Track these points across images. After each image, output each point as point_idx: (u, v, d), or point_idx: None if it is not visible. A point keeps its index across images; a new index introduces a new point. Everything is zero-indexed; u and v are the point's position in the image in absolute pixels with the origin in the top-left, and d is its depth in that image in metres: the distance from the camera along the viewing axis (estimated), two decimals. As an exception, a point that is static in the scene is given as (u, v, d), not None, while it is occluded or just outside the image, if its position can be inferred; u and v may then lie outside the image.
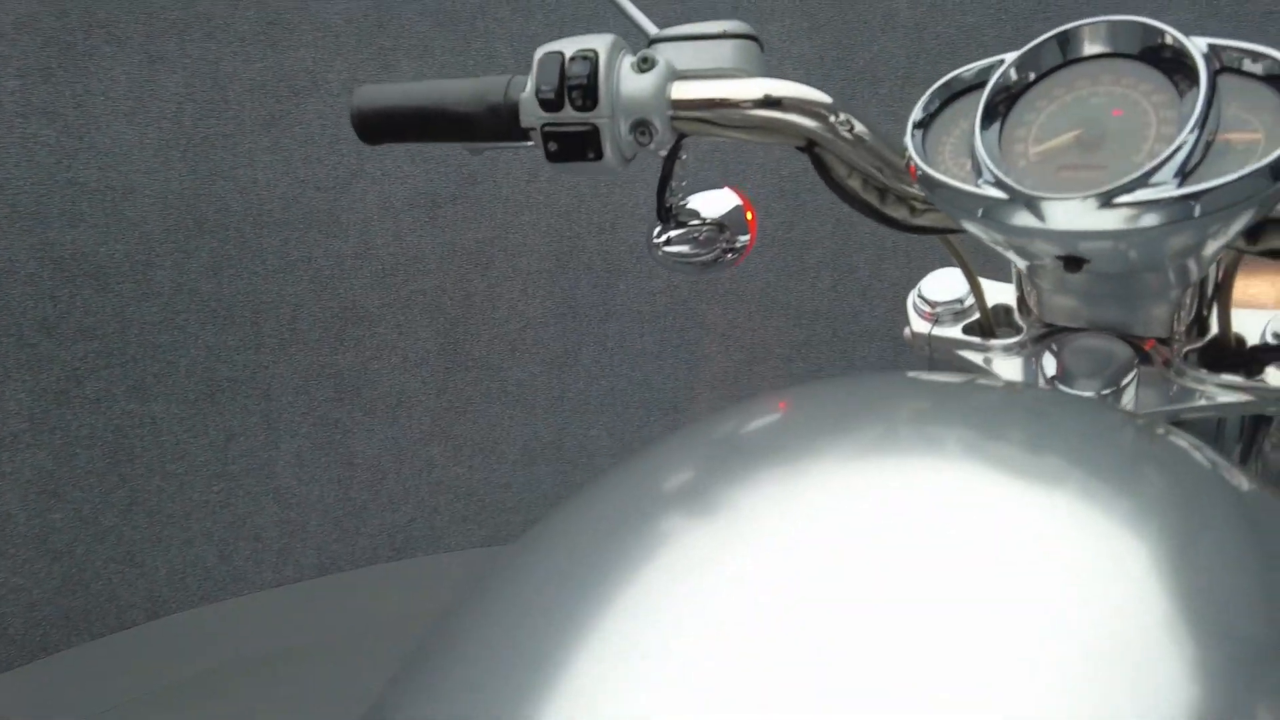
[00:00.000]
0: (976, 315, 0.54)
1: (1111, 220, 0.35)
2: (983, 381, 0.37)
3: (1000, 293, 0.54)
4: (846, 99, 1.72)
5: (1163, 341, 0.45)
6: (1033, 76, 0.39)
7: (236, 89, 1.63)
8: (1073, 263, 0.39)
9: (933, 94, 0.42)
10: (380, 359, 1.80)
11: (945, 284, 0.55)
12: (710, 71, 0.46)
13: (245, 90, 1.64)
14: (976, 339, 0.52)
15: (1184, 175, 0.34)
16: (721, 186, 0.54)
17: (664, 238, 0.52)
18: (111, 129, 1.57)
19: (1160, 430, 0.32)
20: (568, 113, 0.46)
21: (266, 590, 1.78)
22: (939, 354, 0.54)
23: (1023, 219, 0.37)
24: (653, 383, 1.91)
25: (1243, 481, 0.30)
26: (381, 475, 1.85)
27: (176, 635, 1.67)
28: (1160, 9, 1.46)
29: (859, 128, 0.44)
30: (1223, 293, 0.44)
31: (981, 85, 0.41)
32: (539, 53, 0.47)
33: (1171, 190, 0.33)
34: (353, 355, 1.79)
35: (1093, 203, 0.35)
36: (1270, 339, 0.44)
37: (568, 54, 0.45)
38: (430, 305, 1.81)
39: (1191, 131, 0.34)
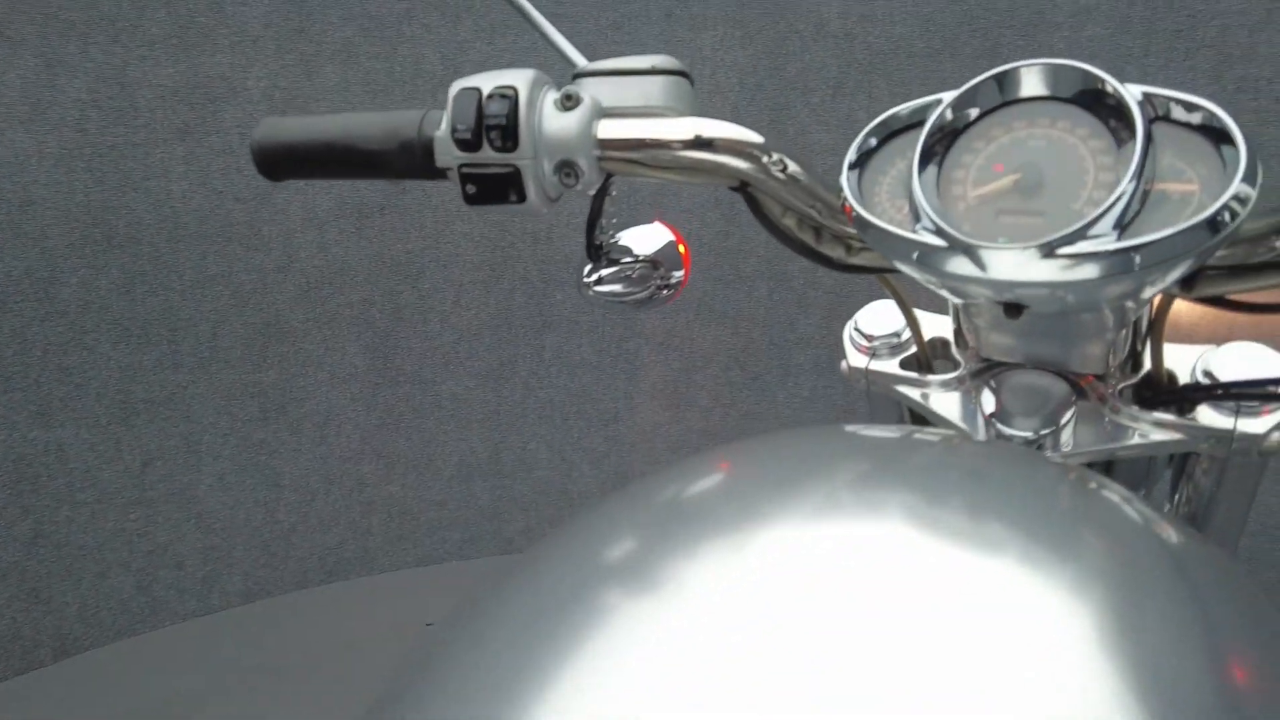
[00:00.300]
0: (914, 349, 0.53)
1: (1052, 271, 0.34)
2: (918, 436, 0.36)
3: (937, 325, 0.53)
4: (779, 108, 1.72)
5: (1098, 378, 0.45)
6: (971, 116, 0.39)
7: (146, 95, 1.55)
8: (1012, 309, 0.39)
9: (868, 133, 0.41)
10: (306, 376, 1.74)
11: (881, 317, 0.55)
12: (638, 109, 0.44)
13: (156, 97, 1.55)
14: (914, 374, 0.51)
15: (1122, 226, 0.33)
16: (652, 221, 0.52)
17: (595, 277, 0.50)
18: (5, 137, 1.47)
19: (1093, 484, 0.32)
20: (486, 153, 0.43)
21: (191, 620, 1.70)
22: (876, 387, 0.53)
23: (961, 266, 0.36)
24: (591, 394, 1.88)
25: (1174, 534, 0.30)
26: (310, 496, 1.78)
27: (89, 674, 1.58)
28: (1079, 25, 1.50)
29: (792, 168, 0.43)
30: (1155, 330, 0.44)
31: (918, 124, 0.40)
32: (454, 88, 0.44)
33: (1111, 243, 0.33)
34: (277, 372, 1.72)
35: (1033, 253, 0.34)
36: (1201, 377, 0.44)
37: (485, 90, 0.43)
38: (358, 319, 1.75)
39: (1130, 182, 0.33)
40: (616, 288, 0.50)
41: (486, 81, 0.43)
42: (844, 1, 1.65)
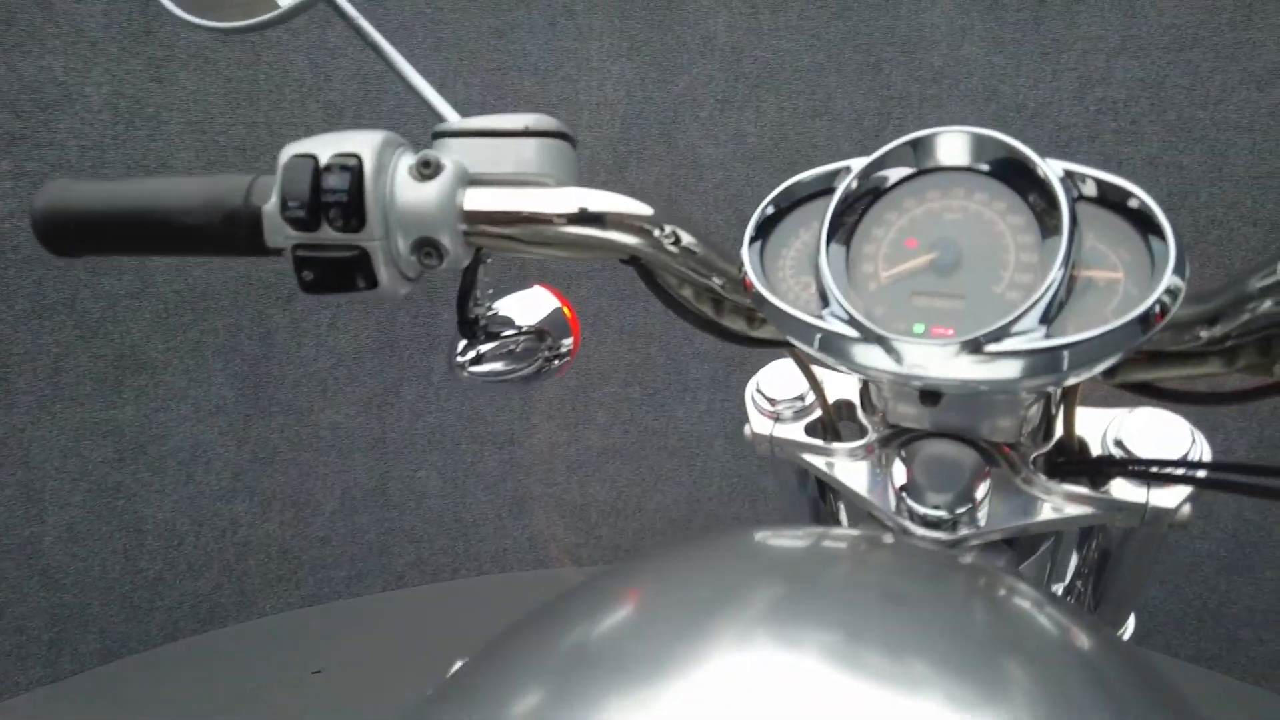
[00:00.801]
0: (819, 413, 0.50)
1: (973, 368, 0.31)
2: (828, 544, 0.34)
3: (842, 386, 0.51)
4: (668, 122, 1.70)
5: (1010, 446, 0.43)
6: (882, 186, 0.36)
7: (-38, 103, 1.37)
8: (929, 396, 0.36)
9: (769, 203, 0.37)
10: (168, 410, 1.59)
11: (784, 377, 0.52)
12: (511, 177, 0.38)
13: (-26, 105, 1.38)
14: (819, 442, 0.48)
15: (1049, 320, 0.31)
16: (531, 285, 0.47)
17: (471, 355, 0.44)
18: None
19: (1004, 590, 0.32)
20: (326, 233, 0.36)
21: (35, 688, 1.53)
22: (782, 453, 0.50)
23: (874, 357, 0.33)
24: (483, 416, 1.81)
25: (1090, 639, 0.29)
26: (178, 540, 1.63)
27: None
28: (955, 43, 1.54)
29: (686, 239, 0.38)
30: (1069, 399, 0.43)
31: (824, 192, 0.37)
32: (284, 154, 0.37)
33: (1039, 341, 0.30)
34: (134, 409, 1.56)
35: (954, 348, 0.31)
36: (1112, 446, 0.43)
37: (322, 159, 0.36)
38: (225, 346, 1.61)
39: (1058, 270, 0.31)
40: (498, 366, 0.44)
41: (325, 146, 0.36)
42: (730, 14, 1.64)
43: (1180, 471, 0.39)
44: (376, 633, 1.69)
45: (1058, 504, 0.42)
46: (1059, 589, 0.59)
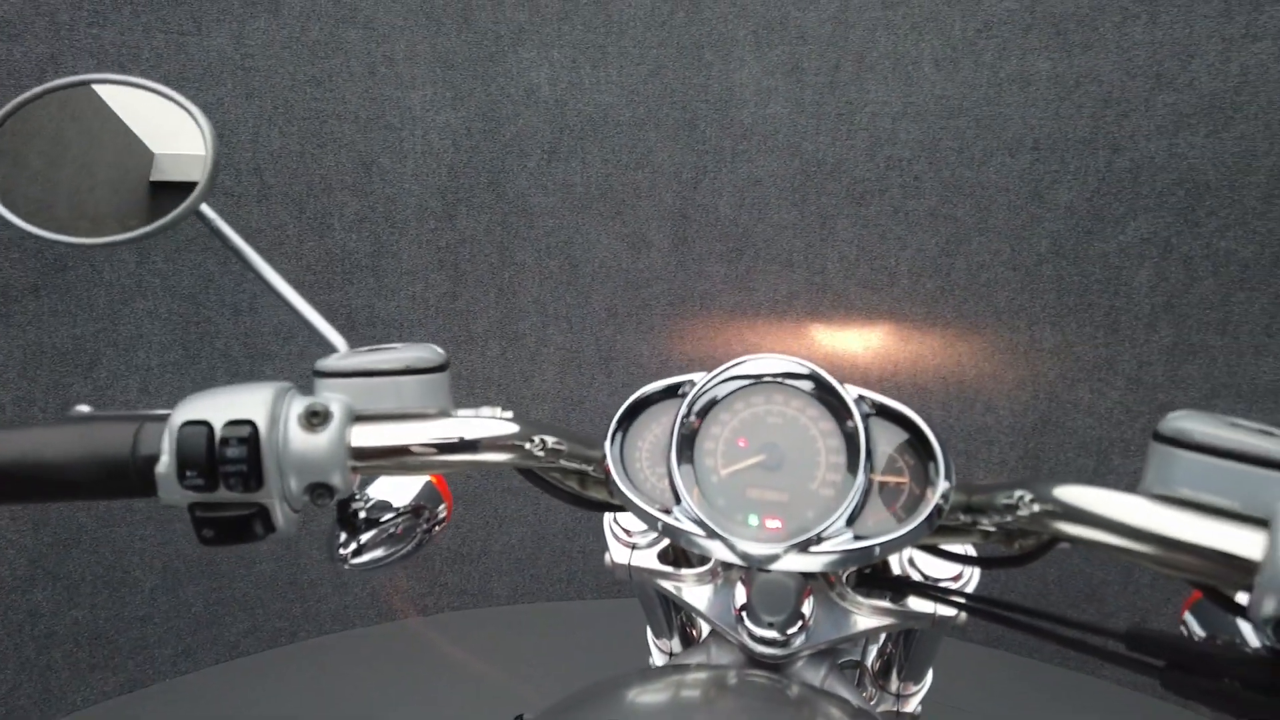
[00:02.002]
0: (669, 541, 0.56)
1: (801, 562, 0.38)
2: (685, 692, 0.40)
3: None
4: (497, 172, 1.72)
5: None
6: (719, 395, 0.42)
7: None
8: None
9: (619, 418, 0.43)
10: (-56, 499, 1.42)
11: None
12: (393, 412, 0.41)
13: None
14: (670, 569, 0.55)
15: (852, 520, 0.38)
16: None
17: (353, 547, 0.46)
18: None
19: (835, 712, 0.39)
20: (224, 494, 0.38)
21: None
22: (638, 577, 0.56)
23: (715, 548, 0.39)
24: (317, 472, 1.75)
25: None
26: (-38, 642, 1.46)
27: None
28: (762, 103, 1.67)
29: (551, 443, 0.43)
30: None
31: (673, 393, 0.43)
32: (176, 418, 0.38)
33: (851, 543, 0.38)
34: (-101, 500, 1.38)
35: (782, 547, 0.38)
36: (907, 565, 0.52)
37: (217, 427, 0.37)
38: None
39: (860, 481, 0.38)
40: (379, 553, 0.46)
41: (217, 411, 0.38)
42: (552, 68, 1.68)
43: (957, 599, 0.49)
44: (208, 711, 1.60)
45: (866, 615, 0.50)
46: (873, 657, 0.70)
